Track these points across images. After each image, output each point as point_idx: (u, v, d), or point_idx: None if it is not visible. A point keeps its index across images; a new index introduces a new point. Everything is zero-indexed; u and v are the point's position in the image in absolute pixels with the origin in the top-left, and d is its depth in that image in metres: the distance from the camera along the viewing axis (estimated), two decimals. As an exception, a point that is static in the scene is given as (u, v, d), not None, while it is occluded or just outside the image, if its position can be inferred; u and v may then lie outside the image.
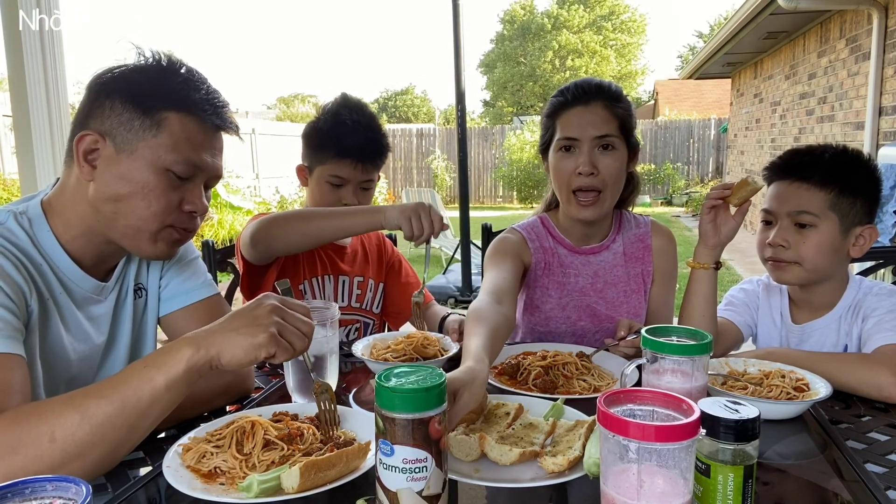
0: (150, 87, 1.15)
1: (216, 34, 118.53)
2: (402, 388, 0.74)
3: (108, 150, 1.14)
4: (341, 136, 1.85)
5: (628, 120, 1.65)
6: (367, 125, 1.89)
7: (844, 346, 1.51)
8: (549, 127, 1.70)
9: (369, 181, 1.93)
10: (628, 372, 1.07)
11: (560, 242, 1.80)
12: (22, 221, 1.16)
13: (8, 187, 7.47)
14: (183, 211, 1.20)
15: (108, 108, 1.14)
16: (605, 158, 1.61)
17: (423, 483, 0.75)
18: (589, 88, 1.64)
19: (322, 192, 1.90)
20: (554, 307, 1.78)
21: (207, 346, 0.97)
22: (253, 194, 12.79)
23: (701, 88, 24.07)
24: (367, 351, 1.52)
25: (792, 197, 1.49)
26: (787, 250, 1.48)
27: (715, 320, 1.54)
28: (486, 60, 36.53)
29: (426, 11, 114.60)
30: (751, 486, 0.77)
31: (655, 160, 17.21)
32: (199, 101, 1.18)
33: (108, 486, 0.97)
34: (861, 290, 1.52)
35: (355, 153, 1.85)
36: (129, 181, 1.14)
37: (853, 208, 1.47)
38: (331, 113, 1.91)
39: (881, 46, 5.38)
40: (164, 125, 1.14)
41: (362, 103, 1.96)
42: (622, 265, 1.80)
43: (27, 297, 1.10)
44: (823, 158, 1.49)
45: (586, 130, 1.60)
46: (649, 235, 1.81)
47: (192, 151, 1.17)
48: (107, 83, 1.16)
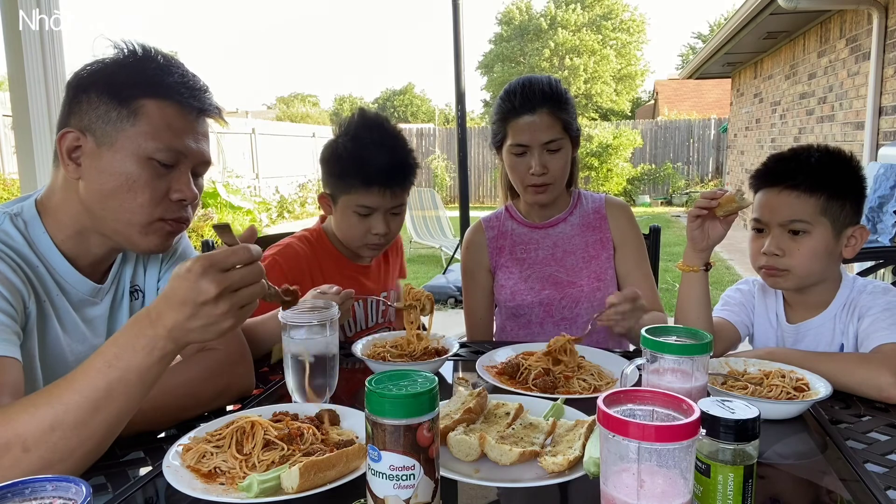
0: (124, 77, 1.14)
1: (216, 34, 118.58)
2: (390, 392, 0.73)
3: (89, 146, 1.13)
4: (365, 163, 1.70)
5: (570, 118, 1.86)
6: (392, 146, 1.75)
7: (840, 345, 1.51)
8: (500, 130, 1.91)
9: (399, 206, 1.78)
10: (628, 372, 1.07)
11: (521, 223, 2.03)
12: (17, 223, 1.16)
13: (8, 187, 7.47)
14: (172, 200, 1.18)
15: (85, 103, 1.13)
16: (553, 159, 1.84)
17: (411, 491, 0.74)
18: (533, 96, 1.82)
19: (350, 223, 1.77)
20: (517, 281, 1.96)
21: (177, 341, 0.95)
22: (253, 194, 12.79)
23: (701, 88, 24.08)
24: (367, 351, 1.52)
25: (782, 206, 1.47)
26: (781, 258, 1.48)
27: (710, 320, 1.54)
28: (485, 61, 36.52)
29: (426, 11, 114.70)
30: (751, 486, 0.77)
31: (655, 160, 17.21)
32: (175, 85, 1.16)
33: (108, 486, 0.97)
34: (855, 289, 1.52)
35: (382, 180, 1.70)
36: (112, 174, 1.13)
37: (843, 210, 1.46)
38: (350, 136, 1.75)
39: (881, 46, 5.38)
40: (140, 113, 1.13)
41: (383, 119, 1.80)
42: (579, 234, 1.98)
43: (25, 300, 1.10)
44: (809, 163, 1.48)
45: (535, 137, 1.81)
46: (604, 207, 2.02)
47: (174, 137, 1.15)
48: (83, 79, 1.15)
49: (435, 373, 1.35)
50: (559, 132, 1.82)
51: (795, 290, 1.55)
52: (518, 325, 1.98)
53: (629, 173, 15.90)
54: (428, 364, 1.42)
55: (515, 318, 1.98)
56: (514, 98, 1.84)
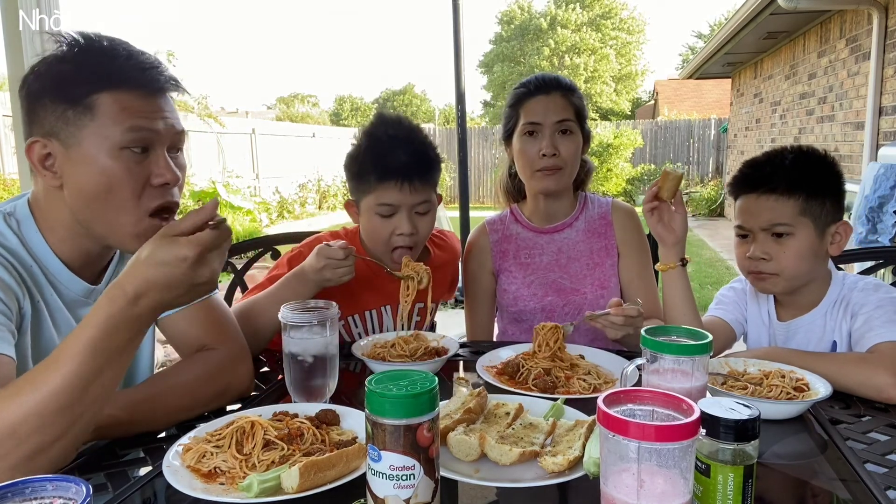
0: (71, 75, 1.11)
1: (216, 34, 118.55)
2: (390, 392, 0.73)
3: (58, 150, 1.11)
4: (380, 157, 1.65)
5: (582, 109, 1.88)
6: (408, 137, 1.68)
7: (832, 342, 1.51)
8: (512, 116, 1.90)
9: (425, 202, 1.68)
10: (628, 372, 1.07)
11: (526, 227, 2.00)
12: (11, 223, 1.16)
13: (8, 187, 7.47)
14: (154, 186, 1.15)
15: (41, 109, 1.11)
16: (564, 141, 1.83)
17: (411, 491, 0.74)
18: (549, 81, 1.87)
19: (373, 225, 1.68)
20: (520, 287, 1.94)
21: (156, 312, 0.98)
22: (253, 194, 12.79)
23: (701, 88, 24.08)
24: (367, 351, 1.52)
25: (763, 210, 1.48)
26: (768, 262, 1.49)
27: (697, 315, 1.56)
28: (486, 61, 36.53)
29: (426, 11, 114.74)
30: (751, 486, 0.77)
31: (655, 160, 17.19)
32: (123, 70, 1.12)
33: (108, 485, 0.97)
34: (846, 286, 1.52)
35: (399, 172, 1.62)
36: (88, 173, 1.10)
37: (823, 208, 1.47)
38: (366, 134, 1.72)
39: (881, 46, 5.38)
40: (95, 107, 1.10)
41: (401, 116, 1.76)
42: (584, 241, 1.95)
43: (20, 300, 1.10)
44: (784, 165, 1.49)
45: (548, 116, 1.82)
46: (610, 212, 1.98)
47: (134, 119, 1.11)
48: (31, 85, 1.13)
49: (435, 373, 1.34)
50: (571, 115, 1.83)
51: (784, 293, 1.55)
52: (520, 329, 1.97)
53: (629, 173, 15.89)
54: (428, 364, 1.42)
55: (517, 323, 1.98)
56: (529, 84, 1.88)
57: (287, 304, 1.24)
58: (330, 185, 16.31)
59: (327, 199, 16.07)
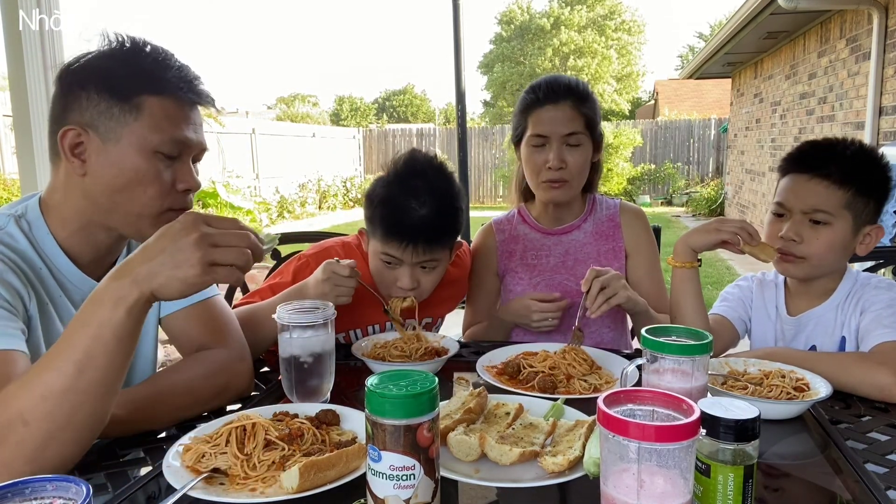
0: (122, 73, 1.15)
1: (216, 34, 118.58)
2: (390, 392, 0.73)
3: (94, 142, 1.14)
4: (389, 213, 1.57)
5: (594, 117, 1.82)
6: (428, 195, 1.55)
7: (842, 338, 1.51)
8: (521, 122, 1.85)
9: (431, 261, 1.60)
10: (628, 372, 1.07)
11: (533, 227, 1.98)
12: (22, 225, 1.17)
13: (8, 187, 7.48)
14: (178, 191, 1.21)
15: (84, 99, 1.13)
16: (572, 154, 1.78)
17: (411, 491, 0.74)
18: (558, 88, 1.79)
19: (377, 268, 1.65)
20: (525, 288, 1.92)
21: (140, 287, 0.94)
22: (253, 194, 12.80)
23: (701, 88, 24.07)
24: (367, 351, 1.52)
25: (809, 194, 1.47)
26: (798, 245, 1.47)
27: (706, 318, 1.54)
28: (486, 61, 36.51)
29: (426, 11, 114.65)
30: (751, 486, 0.77)
31: (655, 160, 17.19)
32: (173, 80, 1.18)
33: (108, 486, 0.97)
34: (859, 282, 1.52)
35: (406, 235, 1.54)
36: (121, 169, 1.14)
37: (867, 208, 1.46)
38: (389, 179, 1.62)
39: (881, 46, 5.38)
40: (143, 108, 1.14)
41: (431, 162, 1.63)
42: (592, 243, 1.93)
43: (26, 302, 1.10)
44: (845, 155, 1.47)
45: (556, 128, 1.77)
46: (618, 214, 1.96)
47: (175, 129, 1.17)
48: (78, 73, 1.16)
49: (435, 373, 1.34)
50: (581, 127, 1.78)
51: (803, 279, 1.54)
52: (523, 330, 1.94)
53: (629, 173, 15.90)
54: (428, 364, 1.42)
55: None
56: (539, 90, 1.81)
57: (284, 305, 1.24)
58: (330, 185, 16.32)
59: (327, 199, 16.07)
